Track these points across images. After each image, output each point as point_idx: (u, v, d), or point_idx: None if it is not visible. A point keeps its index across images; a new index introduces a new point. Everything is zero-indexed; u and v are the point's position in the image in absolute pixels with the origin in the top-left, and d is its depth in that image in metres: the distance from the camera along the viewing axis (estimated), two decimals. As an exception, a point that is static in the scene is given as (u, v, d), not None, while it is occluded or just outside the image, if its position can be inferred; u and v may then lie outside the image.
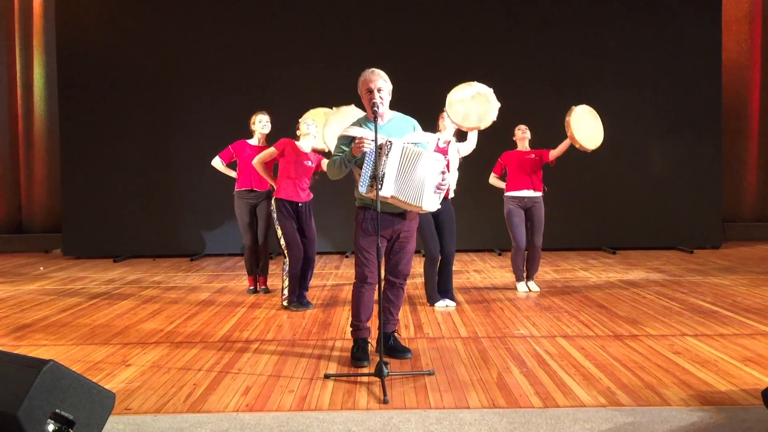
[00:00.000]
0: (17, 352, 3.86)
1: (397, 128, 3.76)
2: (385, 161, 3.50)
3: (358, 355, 3.81)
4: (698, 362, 3.72)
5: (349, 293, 5.78)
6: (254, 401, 3.20)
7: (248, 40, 9.08)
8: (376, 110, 3.61)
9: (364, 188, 3.56)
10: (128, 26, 9.15)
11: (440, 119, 5.45)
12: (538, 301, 5.63)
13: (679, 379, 3.44)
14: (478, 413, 2.98)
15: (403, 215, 3.79)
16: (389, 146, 3.52)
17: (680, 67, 9.09)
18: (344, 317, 5.02)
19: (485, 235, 9.01)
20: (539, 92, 8.91)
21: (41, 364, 2.49)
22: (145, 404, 3.18)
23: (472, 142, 5.46)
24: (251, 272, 6.15)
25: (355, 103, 5.01)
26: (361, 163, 3.60)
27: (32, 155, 10.26)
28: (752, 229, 10.13)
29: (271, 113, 6.17)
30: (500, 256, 8.68)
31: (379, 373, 3.33)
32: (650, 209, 9.10)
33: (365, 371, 3.62)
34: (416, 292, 6.06)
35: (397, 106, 3.91)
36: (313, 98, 6.56)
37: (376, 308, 3.90)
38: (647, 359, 3.80)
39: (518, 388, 3.33)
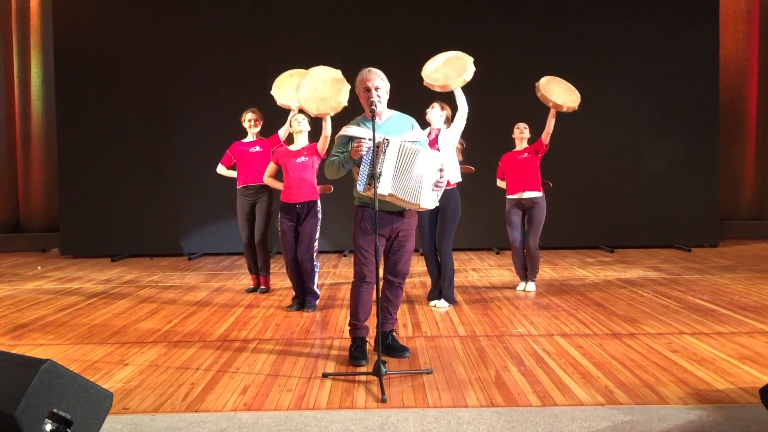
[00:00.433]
0: (14, 351, 3.86)
1: (395, 127, 3.75)
2: (382, 159, 3.49)
3: (356, 354, 3.81)
4: (696, 360, 3.73)
5: (347, 292, 5.79)
6: (252, 400, 3.20)
7: (247, 39, 9.06)
8: (374, 109, 3.60)
9: (362, 187, 3.55)
10: (126, 25, 9.13)
11: (426, 114, 5.36)
12: (536, 299, 5.63)
13: (676, 377, 3.44)
14: (476, 412, 2.99)
15: (401, 214, 3.79)
16: (386, 144, 3.51)
17: (677, 65, 9.09)
18: (342, 316, 5.01)
19: (483, 234, 9.01)
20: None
21: (39, 363, 2.48)
22: (143, 404, 3.18)
23: (461, 102, 5.23)
24: (251, 270, 6.20)
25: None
26: (359, 162, 3.60)
27: (30, 154, 10.23)
28: (749, 227, 10.15)
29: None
30: (498, 254, 8.69)
31: (377, 372, 3.34)
32: (648, 208, 9.11)
33: (363, 370, 3.61)
34: (415, 291, 6.07)
35: (396, 105, 3.90)
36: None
37: (374, 307, 3.90)
38: (645, 358, 3.80)
39: (516, 386, 3.33)
